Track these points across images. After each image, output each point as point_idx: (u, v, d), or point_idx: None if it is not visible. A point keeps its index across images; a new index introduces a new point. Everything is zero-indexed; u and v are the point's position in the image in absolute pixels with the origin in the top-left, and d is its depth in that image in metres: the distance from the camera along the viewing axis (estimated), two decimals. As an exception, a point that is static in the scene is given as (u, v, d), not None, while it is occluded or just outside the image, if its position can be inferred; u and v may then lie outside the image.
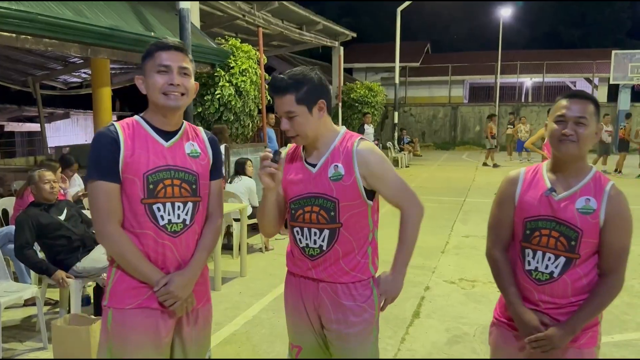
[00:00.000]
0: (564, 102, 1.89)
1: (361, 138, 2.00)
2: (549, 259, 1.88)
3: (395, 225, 2.05)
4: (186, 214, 1.91)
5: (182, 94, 1.89)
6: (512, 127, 18.47)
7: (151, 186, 1.84)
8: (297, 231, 2.02)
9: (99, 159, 1.83)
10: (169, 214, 1.88)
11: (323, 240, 1.97)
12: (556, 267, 1.87)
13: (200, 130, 2.08)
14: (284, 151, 2.13)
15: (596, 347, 1.94)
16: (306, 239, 2.00)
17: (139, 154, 1.85)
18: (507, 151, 18.83)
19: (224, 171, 2.00)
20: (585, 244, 1.83)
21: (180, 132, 1.97)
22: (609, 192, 1.84)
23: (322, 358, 2.13)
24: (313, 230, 1.98)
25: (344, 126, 2.08)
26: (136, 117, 1.96)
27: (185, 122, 2.01)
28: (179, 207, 1.90)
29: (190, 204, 1.93)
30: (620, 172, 13.70)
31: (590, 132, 1.85)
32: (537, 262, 1.90)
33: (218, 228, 2.07)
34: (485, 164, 16.50)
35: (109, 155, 1.82)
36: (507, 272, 2.00)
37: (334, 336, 2.02)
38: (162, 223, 1.87)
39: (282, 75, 1.91)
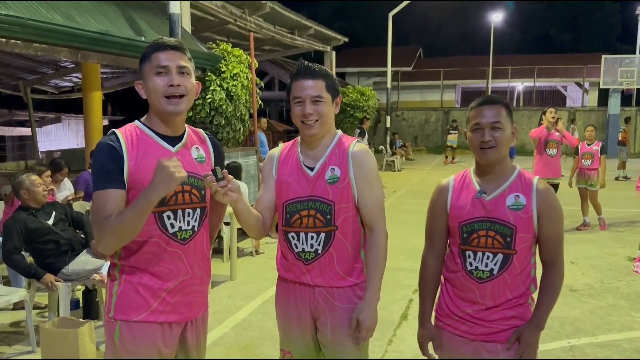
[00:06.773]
0: (476, 110, 1.95)
1: (357, 141, 2.07)
2: (488, 257, 1.94)
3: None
4: (195, 221, 1.88)
5: (182, 96, 1.81)
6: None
7: None
8: (292, 236, 2.02)
9: (103, 169, 1.74)
10: (179, 222, 1.84)
11: (319, 244, 1.99)
12: (495, 265, 1.93)
13: (201, 132, 2.03)
14: (277, 150, 2.13)
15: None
16: (302, 244, 2.00)
17: (144, 163, 1.76)
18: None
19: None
20: (520, 239, 1.91)
21: (185, 137, 1.90)
22: (536, 187, 1.92)
23: None
24: (310, 234, 1.99)
25: (339, 130, 2.12)
26: (137, 122, 1.87)
27: (186, 126, 1.94)
28: (188, 213, 1.86)
29: (198, 210, 1.89)
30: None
31: (507, 135, 1.92)
32: (478, 262, 1.96)
33: None
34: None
35: (112, 164, 1.74)
36: (431, 280, 2.13)
37: (329, 340, 2.03)
38: (171, 231, 1.82)
39: (311, 63, 2.00)
